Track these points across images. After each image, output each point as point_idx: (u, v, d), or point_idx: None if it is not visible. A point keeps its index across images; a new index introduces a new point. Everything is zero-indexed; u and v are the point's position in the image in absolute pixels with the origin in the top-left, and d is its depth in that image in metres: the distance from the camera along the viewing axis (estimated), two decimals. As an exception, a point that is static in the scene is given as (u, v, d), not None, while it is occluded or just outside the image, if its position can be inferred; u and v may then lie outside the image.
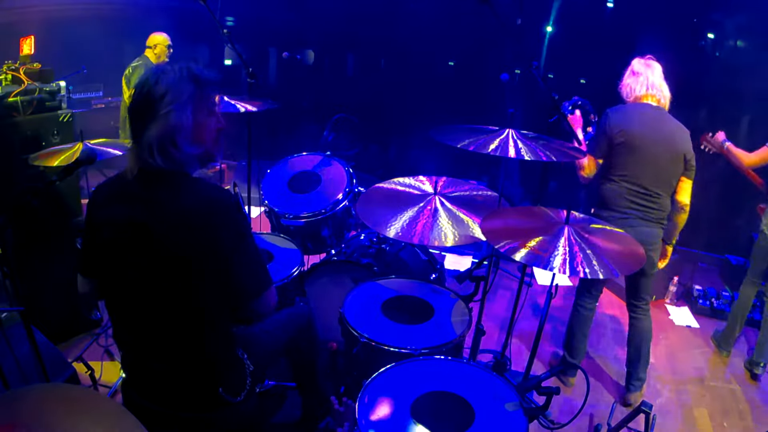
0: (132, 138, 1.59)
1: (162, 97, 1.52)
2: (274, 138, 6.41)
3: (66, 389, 1.63)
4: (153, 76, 1.54)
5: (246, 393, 1.78)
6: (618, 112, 2.82)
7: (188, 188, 1.59)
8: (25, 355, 2.07)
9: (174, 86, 1.53)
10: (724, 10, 4.79)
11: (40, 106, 2.92)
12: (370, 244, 3.03)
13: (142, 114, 1.54)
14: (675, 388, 3.30)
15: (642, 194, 2.79)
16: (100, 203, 1.64)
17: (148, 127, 1.53)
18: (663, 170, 2.77)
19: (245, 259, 1.62)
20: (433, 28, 5.53)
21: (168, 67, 1.56)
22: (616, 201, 2.84)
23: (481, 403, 1.78)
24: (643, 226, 2.80)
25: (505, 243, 1.87)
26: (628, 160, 2.76)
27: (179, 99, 1.53)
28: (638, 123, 2.76)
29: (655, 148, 2.74)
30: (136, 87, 1.58)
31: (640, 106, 2.82)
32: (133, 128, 1.59)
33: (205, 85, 1.59)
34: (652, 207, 2.81)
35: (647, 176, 2.77)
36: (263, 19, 5.84)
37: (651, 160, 2.75)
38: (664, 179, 2.79)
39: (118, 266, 1.60)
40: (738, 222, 4.94)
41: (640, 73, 2.85)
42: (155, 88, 1.52)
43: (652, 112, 2.80)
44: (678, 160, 2.77)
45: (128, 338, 1.71)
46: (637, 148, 2.74)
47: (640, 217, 2.81)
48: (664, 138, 2.75)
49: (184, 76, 1.55)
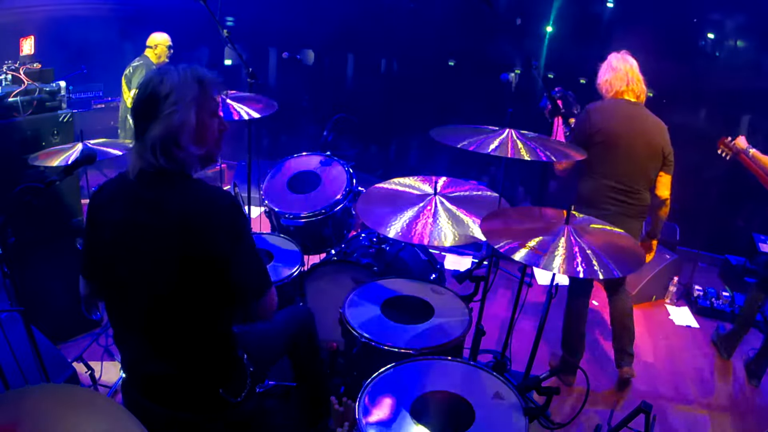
0: (134, 138, 1.59)
1: (166, 97, 1.51)
2: (274, 138, 6.41)
3: (66, 389, 1.63)
4: (157, 76, 1.54)
5: (246, 393, 1.78)
6: (596, 111, 2.86)
7: (189, 189, 1.58)
8: (25, 355, 2.07)
9: (178, 87, 1.53)
10: (724, 10, 4.78)
11: (40, 106, 2.92)
12: (370, 244, 3.03)
13: (146, 114, 1.54)
14: (675, 388, 3.30)
15: (621, 190, 2.83)
16: (101, 204, 1.63)
17: (151, 126, 1.52)
18: (641, 166, 2.82)
19: (245, 260, 1.62)
20: (433, 28, 5.53)
21: (172, 68, 1.56)
22: (596, 198, 2.88)
23: (481, 403, 1.78)
24: (625, 222, 2.80)
25: (505, 243, 1.87)
26: (607, 157, 2.80)
27: (183, 99, 1.53)
28: (616, 120, 2.80)
29: (633, 144, 2.78)
30: (140, 87, 1.58)
31: (618, 102, 2.87)
32: (136, 128, 1.59)
33: (209, 86, 1.60)
34: (631, 202, 2.85)
35: (626, 172, 2.81)
36: (263, 19, 5.84)
37: (629, 156, 2.79)
38: (643, 174, 2.83)
39: (118, 267, 1.60)
40: (738, 222, 4.94)
41: (618, 69, 2.87)
42: (159, 87, 1.52)
43: (629, 108, 2.84)
44: (656, 155, 2.81)
45: (128, 340, 1.70)
46: (615, 145, 2.78)
47: (621, 213, 2.84)
48: (641, 134, 2.79)
49: (188, 76, 1.55)
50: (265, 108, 2.99)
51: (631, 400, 3.14)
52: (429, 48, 5.58)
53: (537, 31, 5.16)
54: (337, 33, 5.62)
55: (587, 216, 2.16)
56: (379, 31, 5.72)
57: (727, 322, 3.95)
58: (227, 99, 2.94)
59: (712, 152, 3.47)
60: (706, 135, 4.63)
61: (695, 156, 4.42)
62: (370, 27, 5.68)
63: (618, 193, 2.83)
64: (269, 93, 3.30)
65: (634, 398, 3.16)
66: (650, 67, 3.00)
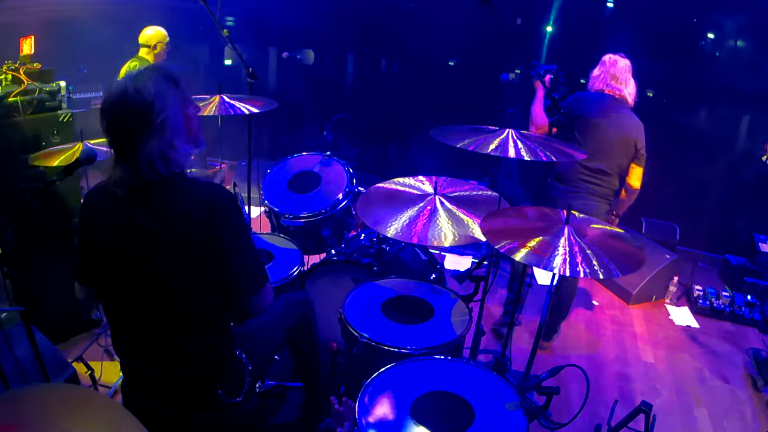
0: (118, 160, 1.53)
1: (151, 105, 1.47)
2: (274, 138, 6.41)
3: (66, 389, 1.64)
4: (131, 89, 1.48)
5: (245, 393, 1.78)
6: (580, 99, 3.19)
7: (185, 188, 1.58)
8: (25, 355, 2.07)
9: (158, 92, 1.49)
10: (724, 10, 4.78)
11: (40, 106, 2.91)
12: (370, 244, 3.02)
13: (133, 130, 1.49)
14: (675, 388, 3.30)
15: (592, 171, 3.12)
16: (94, 210, 1.61)
17: (144, 141, 1.48)
18: (613, 153, 3.11)
19: (243, 256, 1.62)
20: (433, 28, 5.52)
21: (141, 77, 1.51)
22: (570, 176, 3.18)
23: (481, 403, 1.78)
24: (591, 200, 3.16)
25: (505, 243, 1.87)
26: (583, 141, 2.97)
27: (167, 103, 1.50)
28: (594, 110, 3.12)
29: (607, 133, 3.07)
30: (110, 105, 1.50)
31: (599, 96, 3.19)
32: (119, 149, 1.53)
33: (180, 80, 1.57)
34: (600, 184, 3.15)
35: (598, 157, 3.08)
36: (263, 19, 5.83)
37: (603, 142, 3.07)
38: (614, 161, 3.13)
39: (117, 271, 1.59)
40: (738, 222, 4.93)
41: (603, 68, 3.21)
42: (139, 99, 1.47)
43: (608, 102, 3.15)
44: (628, 145, 3.10)
45: (127, 341, 1.70)
46: (593, 131, 3.06)
47: (590, 192, 3.16)
48: (615, 124, 3.09)
49: (160, 78, 1.52)
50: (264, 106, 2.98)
51: (631, 400, 3.14)
52: (429, 48, 5.57)
53: (537, 31, 5.16)
54: (337, 33, 5.62)
55: (586, 216, 2.16)
56: (379, 31, 5.72)
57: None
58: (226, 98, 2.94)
59: (712, 152, 3.47)
60: (706, 135, 4.64)
61: (695, 156, 4.43)
62: (370, 27, 5.68)
63: (589, 174, 3.13)
64: (269, 93, 3.30)
65: (634, 398, 3.16)
66: (650, 67, 3.01)
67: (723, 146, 4.74)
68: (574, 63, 4.87)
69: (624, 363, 3.50)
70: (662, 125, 4.74)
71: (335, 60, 6.17)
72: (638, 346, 3.71)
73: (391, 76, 6.11)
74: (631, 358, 3.58)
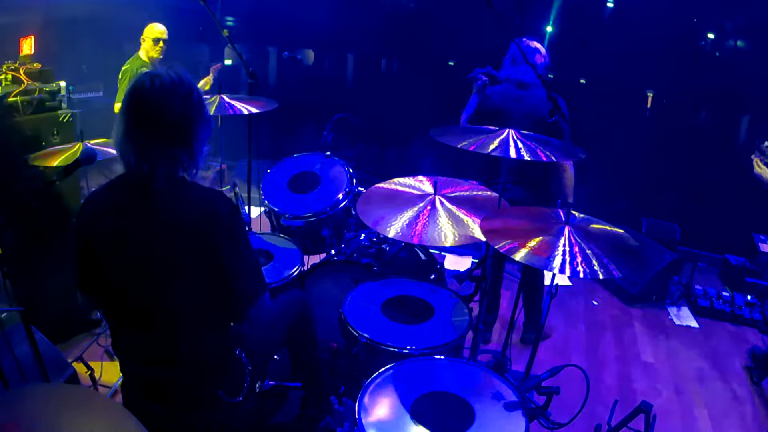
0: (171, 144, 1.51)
1: (190, 94, 1.50)
2: (274, 138, 6.40)
3: (66, 389, 1.64)
4: (168, 82, 1.49)
5: (245, 393, 1.78)
6: (488, 93, 3.23)
7: (185, 194, 1.58)
8: (25, 355, 2.07)
9: (190, 82, 1.52)
10: (724, 10, 4.78)
11: (40, 106, 2.91)
12: (370, 244, 3.02)
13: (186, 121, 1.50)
14: (675, 388, 3.30)
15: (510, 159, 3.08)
16: (93, 217, 1.60)
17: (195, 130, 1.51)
18: None
19: (240, 263, 1.62)
20: (433, 28, 5.53)
21: (167, 72, 1.52)
22: (494, 169, 3.20)
23: (481, 403, 1.78)
24: (517, 189, 3.14)
25: (505, 243, 1.87)
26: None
27: (200, 93, 1.54)
28: (500, 99, 3.18)
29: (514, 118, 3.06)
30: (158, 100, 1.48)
31: (505, 85, 3.23)
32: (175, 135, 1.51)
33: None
34: (520, 171, 3.13)
35: None
36: (263, 19, 5.83)
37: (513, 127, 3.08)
38: None
39: (118, 277, 1.59)
40: (738, 222, 4.93)
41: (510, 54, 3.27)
42: (182, 90, 1.49)
43: (514, 89, 3.19)
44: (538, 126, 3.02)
45: (127, 344, 1.70)
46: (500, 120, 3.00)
47: (513, 181, 3.16)
48: (521, 108, 3.11)
49: (179, 72, 1.54)
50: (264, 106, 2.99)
51: (631, 400, 3.14)
52: (429, 48, 5.58)
53: (537, 31, 5.15)
54: (337, 33, 5.62)
55: (587, 216, 2.16)
56: (379, 31, 5.72)
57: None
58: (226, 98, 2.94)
59: (712, 152, 3.47)
60: (706, 135, 4.64)
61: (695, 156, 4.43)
62: (370, 27, 5.68)
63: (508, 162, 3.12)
64: (269, 93, 3.30)
65: (634, 398, 3.16)
66: (650, 66, 3.00)
67: (723, 146, 4.75)
68: (574, 63, 4.89)
69: (624, 363, 3.50)
70: (662, 125, 4.75)
71: (335, 60, 6.17)
72: (638, 346, 3.71)
73: (391, 76, 6.11)
74: (631, 358, 3.58)
